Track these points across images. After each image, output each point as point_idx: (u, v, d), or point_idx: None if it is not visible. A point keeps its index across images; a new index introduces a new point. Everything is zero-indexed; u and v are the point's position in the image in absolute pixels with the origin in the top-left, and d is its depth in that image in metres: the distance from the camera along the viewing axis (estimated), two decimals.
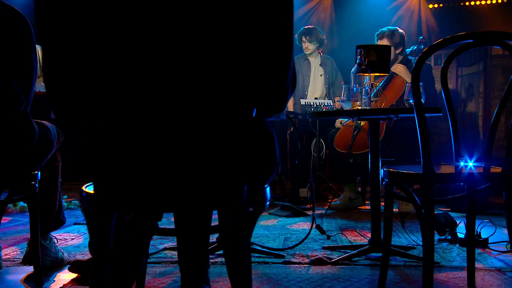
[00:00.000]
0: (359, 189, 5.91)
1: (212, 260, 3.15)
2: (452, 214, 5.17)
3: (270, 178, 1.50)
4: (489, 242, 3.65)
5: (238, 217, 1.35)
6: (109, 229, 1.33)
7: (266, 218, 4.83)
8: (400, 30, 5.47)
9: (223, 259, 3.18)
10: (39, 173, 2.68)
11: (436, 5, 8.62)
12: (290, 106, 6.56)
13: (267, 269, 2.98)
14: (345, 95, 3.34)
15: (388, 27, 5.47)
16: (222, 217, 1.64)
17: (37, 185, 2.65)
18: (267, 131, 1.47)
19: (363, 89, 3.21)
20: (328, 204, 5.53)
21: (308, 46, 6.31)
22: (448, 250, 3.49)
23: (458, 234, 3.76)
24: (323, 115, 3.75)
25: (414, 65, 5.29)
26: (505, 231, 4.28)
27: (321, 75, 6.47)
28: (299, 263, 3.10)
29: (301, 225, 4.50)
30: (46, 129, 2.72)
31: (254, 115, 1.40)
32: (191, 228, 1.76)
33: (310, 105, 6.06)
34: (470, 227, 2.57)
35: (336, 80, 6.46)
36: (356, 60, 3.24)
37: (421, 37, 5.69)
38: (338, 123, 5.59)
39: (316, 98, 6.30)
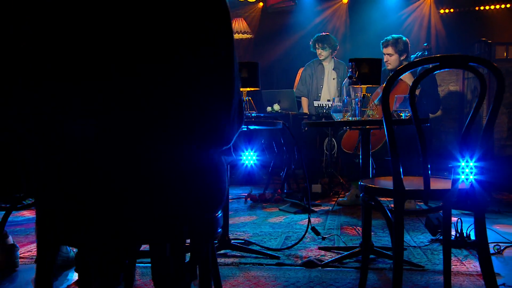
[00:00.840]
0: None
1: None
2: (453, 211, 5.10)
3: (217, 209, 1.44)
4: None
5: (177, 250, 1.31)
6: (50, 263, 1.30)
7: (275, 215, 4.80)
8: (404, 38, 5.37)
9: (227, 260, 3.17)
10: None
11: (447, 10, 8.42)
12: (304, 107, 6.53)
13: (259, 271, 2.95)
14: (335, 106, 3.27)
15: (393, 35, 5.37)
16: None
17: None
18: (212, 164, 1.40)
19: (353, 100, 3.15)
20: (336, 200, 5.50)
21: (322, 52, 6.28)
22: (436, 252, 3.39)
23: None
24: (316, 125, 3.65)
25: (418, 70, 5.25)
26: (500, 228, 4.19)
27: (334, 79, 6.44)
28: (291, 265, 3.05)
29: (307, 222, 4.46)
30: None
31: (198, 149, 1.34)
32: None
33: (323, 106, 6.02)
34: (446, 235, 2.47)
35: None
36: (347, 73, 3.19)
37: (425, 44, 5.56)
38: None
39: (328, 100, 6.24)
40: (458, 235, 3.54)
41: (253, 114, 3.36)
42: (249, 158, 6.56)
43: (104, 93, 1.21)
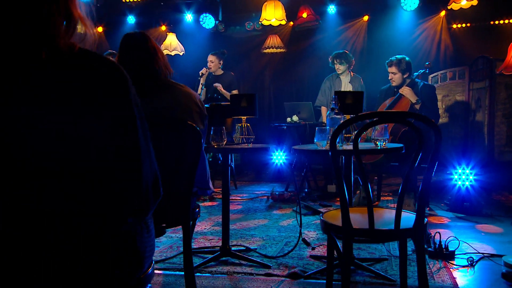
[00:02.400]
0: (374, 191, 5.73)
1: (213, 269, 3.12)
2: (448, 214, 4.90)
3: (135, 276, 1.37)
4: (455, 254, 3.39)
5: None
6: None
7: (287, 217, 4.74)
8: (407, 58, 5.20)
9: (224, 268, 3.15)
10: None
11: (460, 25, 8.04)
12: (324, 116, 6.41)
13: (248, 282, 2.90)
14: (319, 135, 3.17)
15: (397, 56, 5.22)
16: None
17: None
18: (124, 235, 1.34)
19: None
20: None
21: (339, 67, 6.15)
22: (414, 262, 3.24)
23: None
24: (301, 153, 3.47)
25: (420, 86, 5.06)
26: (484, 234, 4.00)
27: (350, 90, 6.28)
28: (278, 275, 2.98)
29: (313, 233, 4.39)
30: None
31: (112, 220, 1.27)
32: None
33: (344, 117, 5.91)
34: (402, 266, 2.37)
35: None
36: (331, 104, 3.09)
37: (427, 63, 5.35)
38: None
39: None
40: (436, 246, 3.39)
41: (252, 140, 3.29)
42: (278, 157, 6.54)
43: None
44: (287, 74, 9.02)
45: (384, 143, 2.95)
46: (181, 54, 7.91)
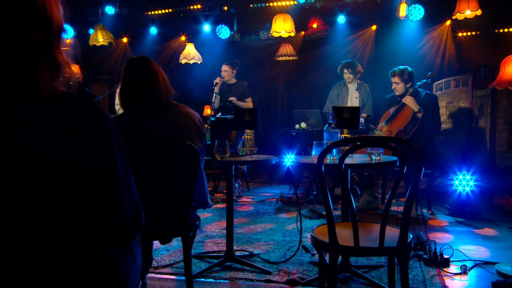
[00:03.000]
0: (379, 195, 5.68)
1: (217, 274, 3.12)
2: (449, 218, 4.83)
3: None
4: (450, 261, 3.33)
5: None
6: None
7: (293, 221, 4.70)
8: (410, 69, 5.13)
9: (227, 274, 3.15)
10: None
11: (465, 33, 7.88)
12: None
13: None
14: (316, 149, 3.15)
15: (399, 66, 5.15)
16: None
17: None
18: (106, 265, 1.31)
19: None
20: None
21: (349, 76, 6.11)
22: (409, 270, 3.18)
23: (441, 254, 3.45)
24: (300, 165, 3.46)
25: (422, 95, 4.99)
26: (481, 240, 3.93)
27: (356, 98, 6.24)
28: (277, 282, 2.96)
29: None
30: None
31: (97, 246, 1.26)
32: None
33: None
34: (390, 278, 2.33)
35: (368, 101, 6.20)
36: (328, 120, 3.06)
37: (429, 73, 5.25)
38: None
39: None
40: (432, 254, 3.34)
41: (255, 152, 3.28)
42: (289, 159, 6.51)
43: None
44: (299, 80, 8.99)
45: (378, 157, 2.91)
46: (199, 62, 7.92)
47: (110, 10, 7.57)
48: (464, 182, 4.96)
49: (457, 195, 4.99)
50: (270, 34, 7.04)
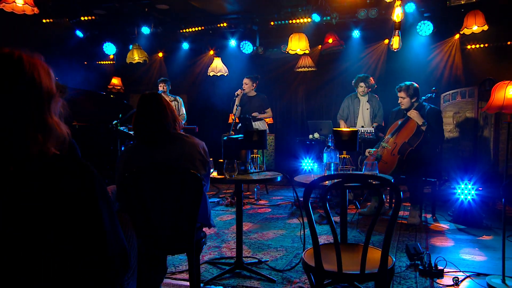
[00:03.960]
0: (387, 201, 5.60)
1: (226, 281, 3.12)
2: (451, 225, 4.70)
3: None
4: (444, 272, 3.24)
5: None
6: None
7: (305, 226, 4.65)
8: (415, 85, 5.00)
9: (235, 281, 3.15)
10: None
11: (475, 46, 7.61)
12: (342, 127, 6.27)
13: None
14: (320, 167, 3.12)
15: (405, 82, 5.03)
16: None
17: None
18: None
19: (332, 163, 2.98)
20: (359, 210, 5.29)
21: (364, 89, 6.00)
22: (404, 280, 3.13)
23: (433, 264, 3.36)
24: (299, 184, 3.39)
25: (427, 109, 4.86)
26: (479, 248, 3.81)
27: (367, 109, 6.14)
28: None
29: (324, 237, 4.32)
30: None
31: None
32: None
33: (361, 132, 5.78)
34: None
35: (379, 111, 6.09)
36: (328, 142, 3.02)
37: (433, 88, 5.11)
38: (366, 152, 5.26)
39: (362, 126, 5.99)
40: (426, 265, 3.25)
41: (262, 173, 3.27)
42: (307, 164, 6.48)
43: None
44: (317, 90, 8.91)
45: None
46: (225, 75, 7.95)
47: (145, 30, 7.68)
48: (466, 191, 4.81)
49: (459, 203, 4.84)
50: (286, 52, 7.00)
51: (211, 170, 3.01)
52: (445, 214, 5.15)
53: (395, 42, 4.29)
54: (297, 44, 6.60)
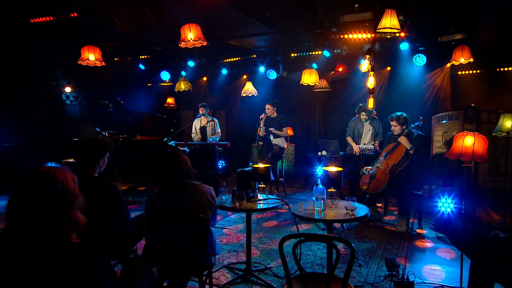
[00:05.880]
0: (381, 208, 5.53)
1: (236, 286, 3.19)
2: (431, 234, 4.62)
3: None
4: (415, 283, 3.23)
5: None
6: None
7: (311, 231, 4.67)
8: (405, 114, 4.95)
9: (244, 286, 3.25)
10: None
11: (467, 72, 7.26)
12: (350, 143, 6.12)
13: None
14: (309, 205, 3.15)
15: (396, 113, 4.98)
16: None
17: None
18: None
19: (321, 200, 3.00)
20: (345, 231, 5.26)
21: (365, 117, 5.91)
22: None
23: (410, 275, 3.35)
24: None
25: (415, 136, 4.76)
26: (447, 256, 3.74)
27: (369, 130, 6.04)
28: None
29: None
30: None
31: None
32: None
33: (363, 148, 5.72)
34: None
35: (379, 130, 5.98)
36: (316, 183, 3.07)
37: (421, 117, 4.98)
38: (364, 169, 5.21)
39: (364, 144, 5.92)
40: (400, 277, 3.25)
41: (270, 196, 3.36)
42: (319, 170, 6.50)
43: None
44: (331, 107, 8.81)
45: (351, 212, 2.87)
46: (255, 95, 8.03)
47: (191, 63, 7.90)
48: (446, 204, 4.70)
49: (440, 214, 4.74)
50: (300, 83, 6.98)
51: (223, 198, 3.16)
52: (429, 222, 5.04)
53: (370, 103, 4.26)
54: (309, 78, 6.58)
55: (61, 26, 5.44)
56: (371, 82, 3.96)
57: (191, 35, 3.98)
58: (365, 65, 5.37)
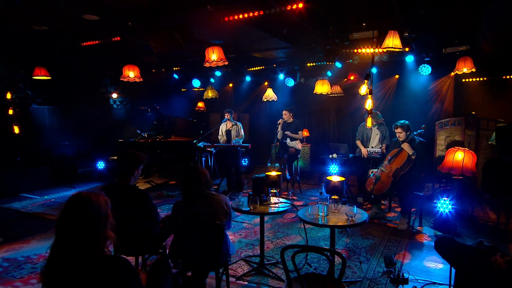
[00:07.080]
0: (384, 206, 5.47)
1: (250, 278, 3.25)
2: (430, 231, 4.56)
3: None
4: (409, 280, 3.22)
5: None
6: None
7: (320, 228, 4.66)
8: (407, 122, 4.85)
9: (257, 278, 3.33)
10: None
11: (476, 79, 6.96)
12: (360, 147, 6.08)
13: None
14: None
15: (400, 121, 4.89)
16: None
17: None
18: None
19: (325, 206, 3.03)
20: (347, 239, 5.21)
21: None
22: (377, 286, 3.15)
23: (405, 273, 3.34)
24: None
25: (417, 142, 4.69)
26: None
27: (377, 135, 5.95)
28: None
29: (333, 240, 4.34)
30: None
31: None
32: None
33: (370, 151, 5.67)
34: None
35: (386, 134, 5.88)
36: (321, 191, 3.10)
37: (423, 125, 4.87)
38: (370, 172, 5.16)
39: (372, 147, 5.86)
40: (395, 274, 3.25)
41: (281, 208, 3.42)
42: (332, 168, 6.48)
43: None
44: (345, 113, 8.70)
45: (351, 218, 2.90)
46: (275, 100, 8.06)
47: (218, 73, 8.01)
48: (444, 205, 4.60)
49: (439, 214, 4.65)
50: (314, 92, 6.94)
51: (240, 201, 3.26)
52: (429, 220, 4.96)
53: (368, 122, 4.23)
54: (321, 88, 6.55)
55: (108, 46, 5.68)
56: (369, 104, 3.92)
57: (214, 56, 4.08)
58: (363, 89, 5.29)
